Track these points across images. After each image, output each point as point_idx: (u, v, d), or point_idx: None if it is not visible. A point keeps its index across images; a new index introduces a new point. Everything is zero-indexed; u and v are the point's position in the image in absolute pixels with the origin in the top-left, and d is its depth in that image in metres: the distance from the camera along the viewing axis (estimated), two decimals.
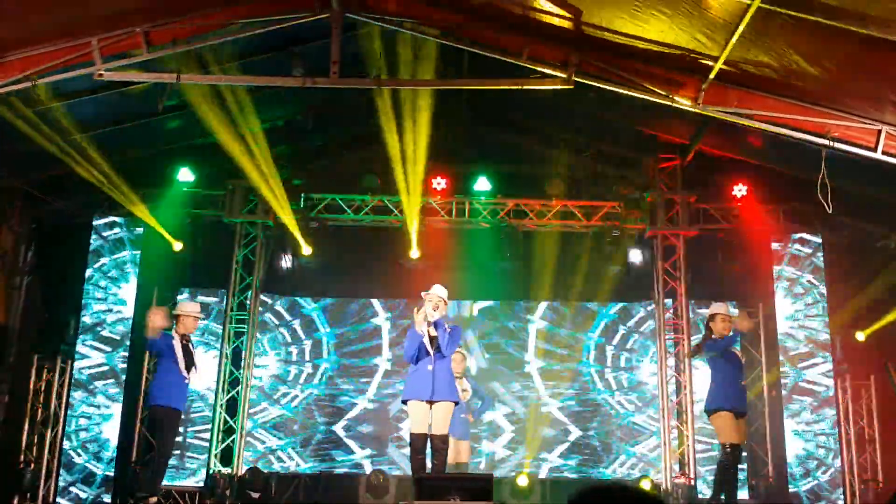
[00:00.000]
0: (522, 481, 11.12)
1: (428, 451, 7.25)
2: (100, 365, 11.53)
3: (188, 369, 8.13)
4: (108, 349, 11.56)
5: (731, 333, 8.06)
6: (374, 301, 12.38)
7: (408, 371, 7.46)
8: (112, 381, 11.38)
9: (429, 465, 7.24)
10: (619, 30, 7.54)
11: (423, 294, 7.43)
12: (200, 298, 11.70)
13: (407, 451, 7.95)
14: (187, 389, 8.27)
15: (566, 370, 12.11)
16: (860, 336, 10.93)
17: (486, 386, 11.33)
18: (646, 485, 10.74)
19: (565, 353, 12.20)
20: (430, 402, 7.14)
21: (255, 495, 10.81)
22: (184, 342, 8.18)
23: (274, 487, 11.09)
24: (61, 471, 11.06)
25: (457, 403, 7.38)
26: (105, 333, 11.59)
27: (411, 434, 7.26)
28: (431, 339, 7.26)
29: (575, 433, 11.92)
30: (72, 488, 11.10)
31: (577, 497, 1.64)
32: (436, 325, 7.26)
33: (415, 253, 11.54)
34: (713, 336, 8.11)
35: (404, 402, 7.38)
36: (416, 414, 7.17)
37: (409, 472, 7.39)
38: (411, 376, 7.28)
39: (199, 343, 11.65)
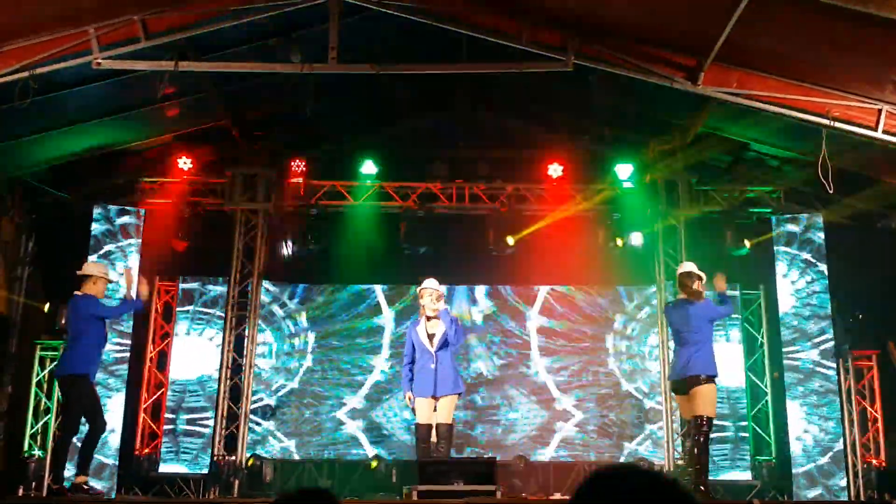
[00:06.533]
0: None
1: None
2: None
3: None
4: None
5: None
6: (377, 288, 12.34)
7: (413, 368, 7.56)
8: (114, 370, 11.33)
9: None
10: (618, 11, 7.52)
11: (419, 289, 7.59)
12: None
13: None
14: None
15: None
16: None
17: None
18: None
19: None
20: (435, 398, 7.37)
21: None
22: None
23: (278, 473, 11.12)
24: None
25: (460, 395, 7.60)
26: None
27: (416, 424, 7.44)
28: (430, 336, 7.38)
29: (578, 416, 11.94)
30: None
31: (593, 477, 1.64)
32: (440, 316, 7.37)
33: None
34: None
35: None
36: (421, 407, 7.42)
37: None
38: (416, 375, 7.46)
39: (196, 329, 11.69)
